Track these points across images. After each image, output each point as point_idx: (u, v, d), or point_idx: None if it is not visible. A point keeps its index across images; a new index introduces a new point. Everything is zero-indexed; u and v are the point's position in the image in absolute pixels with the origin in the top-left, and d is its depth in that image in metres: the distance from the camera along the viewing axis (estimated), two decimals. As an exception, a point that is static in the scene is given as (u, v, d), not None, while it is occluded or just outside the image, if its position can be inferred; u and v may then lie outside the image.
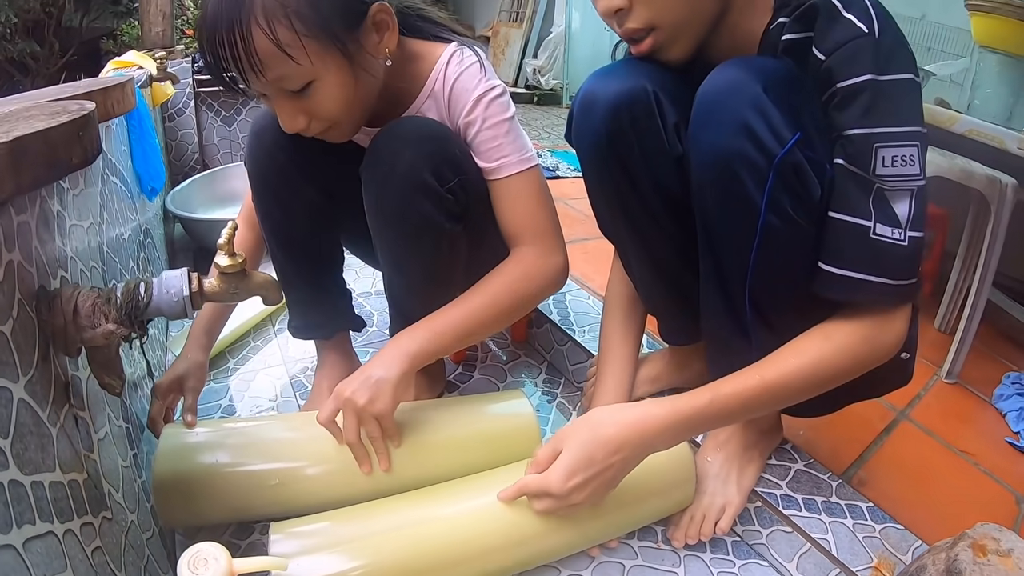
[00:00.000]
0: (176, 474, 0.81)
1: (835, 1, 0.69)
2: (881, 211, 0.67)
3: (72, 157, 0.52)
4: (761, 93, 0.68)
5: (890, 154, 0.66)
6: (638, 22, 0.74)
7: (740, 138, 0.69)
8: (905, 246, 0.67)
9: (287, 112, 0.79)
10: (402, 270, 0.94)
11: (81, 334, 0.55)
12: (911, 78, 0.67)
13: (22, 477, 0.44)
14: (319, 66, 0.76)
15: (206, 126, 2.17)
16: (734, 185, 0.71)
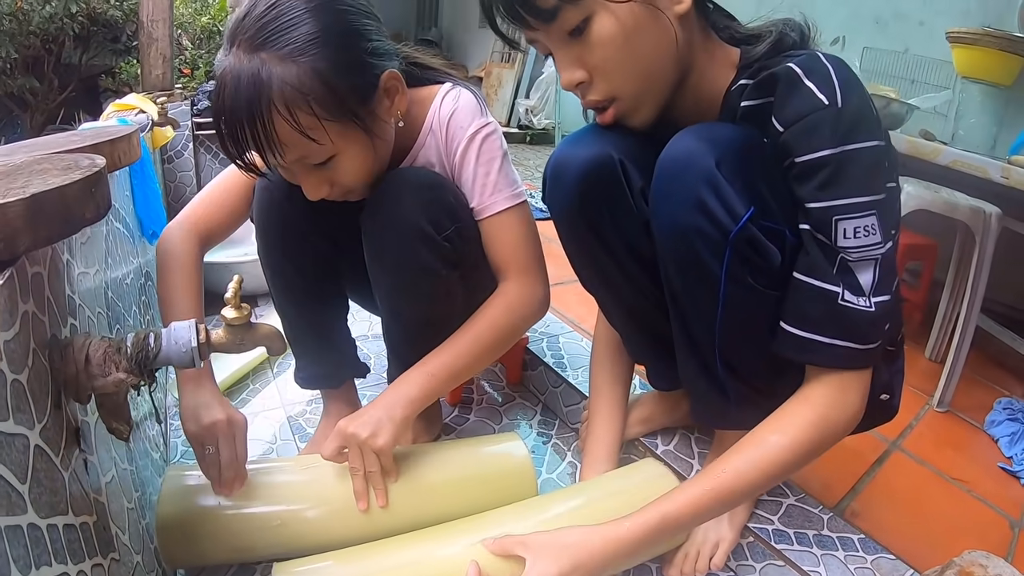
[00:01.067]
0: (179, 516, 0.83)
1: (796, 68, 0.69)
2: (846, 280, 0.69)
3: (85, 212, 0.55)
4: (714, 168, 0.70)
5: (851, 226, 0.67)
6: (599, 94, 0.77)
7: (695, 214, 0.72)
8: (872, 312, 0.69)
9: (311, 184, 0.83)
10: (400, 315, 0.98)
11: (92, 382, 0.58)
12: (874, 145, 0.67)
13: (39, 520, 0.47)
14: (339, 142, 0.80)
15: (204, 168, 2.22)
16: (693, 257, 0.75)
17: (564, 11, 0.72)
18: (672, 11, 0.74)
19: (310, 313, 1.04)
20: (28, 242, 0.51)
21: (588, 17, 0.72)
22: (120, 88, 3.28)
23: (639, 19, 0.72)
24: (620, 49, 0.73)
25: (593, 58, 0.75)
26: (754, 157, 0.73)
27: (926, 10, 2.19)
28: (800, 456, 0.73)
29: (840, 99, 0.67)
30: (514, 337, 0.97)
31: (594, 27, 0.73)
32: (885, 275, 0.69)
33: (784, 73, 0.70)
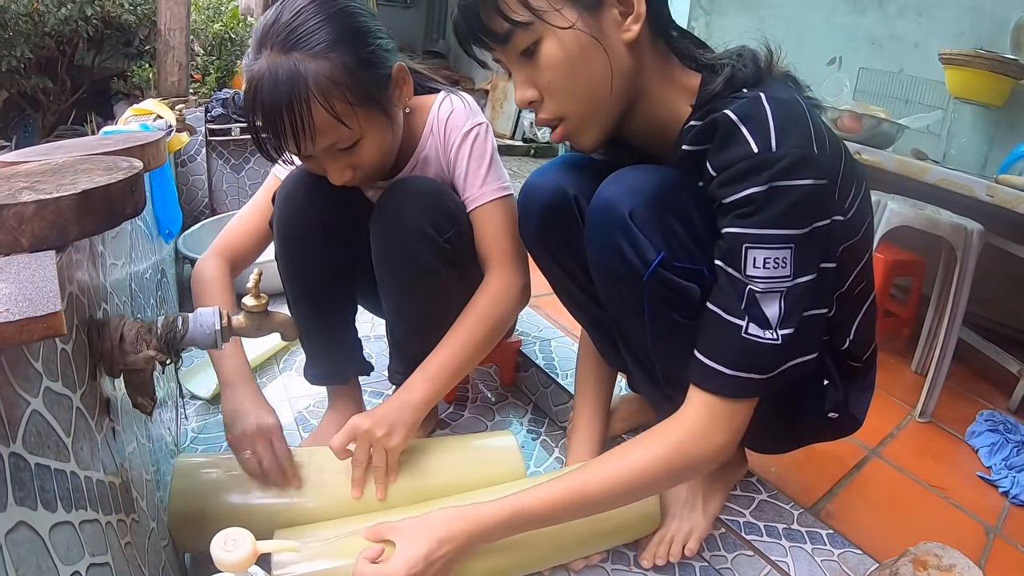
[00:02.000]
0: (191, 506, 0.90)
1: (734, 117, 0.72)
2: (752, 312, 0.73)
3: (126, 208, 0.64)
4: (626, 218, 0.78)
5: (760, 256, 0.71)
6: (547, 114, 0.84)
7: (614, 258, 0.81)
8: (777, 344, 0.73)
9: (337, 169, 0.93)
10: (404, 312, 1.07)
11: (125, 358, 0.67)
12: (808, 183, 0.70)
13: (79, 470, 0.55)
14: (365, 127, 0.91)
15: (216, 172, 2.32)
16: (619, 296, 0.84)
17: (516, 34, 0.79)
18: (619, 38, 0.79)
19: (322, 315, 1.12)
20: (77, 231, 0.60)
21: (537, 40, 0.78)
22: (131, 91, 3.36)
23: (584, 45, 0.77)
24: (565, 72, 0.79)
25: (541, 79, 0.81)
26: (675, 202, 0.79)
27: (920, 32, 2.27)
28: (657, 475, 0.79)
29: (774, 144, 0.70)
30: (503, 327, 1.06)
31: (542, 50, 0.79)
32: (792, 309, 0.73)
33: (722, 121, 0.74)
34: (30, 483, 0.43)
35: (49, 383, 0.51)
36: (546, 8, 0.76)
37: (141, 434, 0.84)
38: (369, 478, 0.96)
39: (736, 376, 0.75)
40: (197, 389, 1.30)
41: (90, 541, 0.54)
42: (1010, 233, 1.77)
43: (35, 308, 0.43)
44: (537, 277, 1.05)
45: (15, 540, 0.39)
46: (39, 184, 0.63)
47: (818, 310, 0.77)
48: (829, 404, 0.91)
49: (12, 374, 0.44)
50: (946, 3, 2.20)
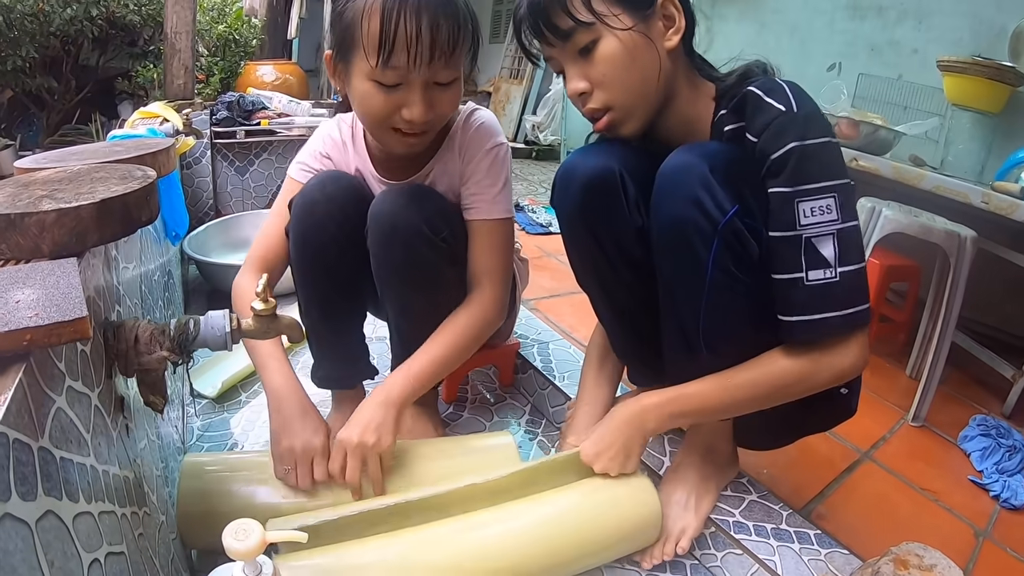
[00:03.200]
0: (199, 505, 0.94)
1: (758, 91, 0.87)
2: (811, 259, 0.83)
3: (142, 216, 0.68)
4: (707, 173, 0.86)
5: (809, 206, 0.82)
6: (597, 103, 0.93)
7: (691, 209, 0.87)
8: (838, 282, 0.82)
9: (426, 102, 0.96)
10: (409, 312, 1.11)
11: (139, 358, 0.71)
12: (828, 141, 0.83)
13: (97, 464, 0.59)
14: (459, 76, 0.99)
15: (220, 175, 2.36)
16: (687, 247, 0.89)
17: (577, 32, 0.90)
18: (663, 45, 0.92)
19: (333, 322, 1.16)
20: (96, 238, 0.64)
21: (596, 39, 0.90)
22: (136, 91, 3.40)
23: (636, 45, 0.90)
24: (618, 67, 0.91)
25: (595, 72, 0.92)
26: (739, 168, 0.88)
27: (919, 38, 2.30)
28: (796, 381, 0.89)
29: (795, 105, 0.84)
30: (481, 340, 1.12)
31: (600, 47, 0.90)
32: (847, 248, 0.83)
33: (749, 96, 0.88)
34: (56, 475, 0.47)
35: (71, 382, 0.56)
36: (606, 12, 0.89)
37: (151, 431, 0.88)
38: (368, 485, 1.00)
39: (818, 320, 0.84)
40: (203, 388, 1.34)
41: (108, 531, 0.58)
42: (1005, 239, 1.81)
43: (63, 313, 0.47)
44: (535, 280, 1.09)
45: (44, 527, 0.43)
46: (58, 192, 0.67)
47: (861, 263, 0.85)
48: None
49: (40, 374, 0.48)
50: (945, 10, 2.23)
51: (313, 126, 2.44)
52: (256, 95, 2.44)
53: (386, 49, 0.91)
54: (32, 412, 0.45)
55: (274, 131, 2.41)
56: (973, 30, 2.17)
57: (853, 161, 1.94)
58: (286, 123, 2.43)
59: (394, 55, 0.91)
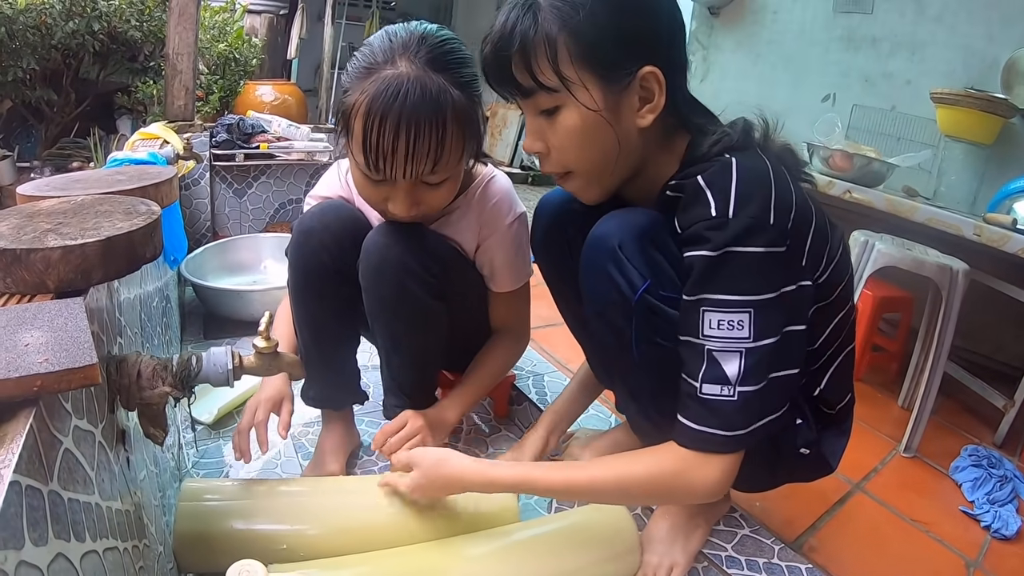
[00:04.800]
0: (195, 529, 0.95)
1: (702, 182, 0.80)
2: (710, 372, 0.78)
3: (146, 253, 0.70)
4: (617, 249, 0.86)
5: (716, 318, 0.77)
6: (554, 167, 0.91)
7: (606, 285, 0.88)
8: (734, 400, 0.78)
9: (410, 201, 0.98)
10: (399, 346, 1.13)
11: (141, 393, 0.72)
12: (762, 251, 0.76)
13: (102, 501, 0.60)
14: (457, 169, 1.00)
15: (219, 196, 2.38)
16: (610, 322, 0.91)
17: (538, 94, 0.85)
18: (634, 122, 0.85)
19: (326, 345, 1.17)
20: (100, 275, 0.66)
21: (559, 106, 0.85)
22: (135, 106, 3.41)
23: (601, 124, 0.84)
24: (578, 141, 0.86)
25: (554, 139, 0.87)
26: (660, 240, 0.87)
27: (913, 70, 2.34)
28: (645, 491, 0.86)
29: (732, 210, 0.77)
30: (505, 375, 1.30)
31: (561, 116, 0.85)
32: (754, 367, 0.77)
33: (690, 184, 0.82)
34: (64, 517, 0.49)
35: (77, 421, 0.57)
36: (574, 79, 0.82)
37: (150, 462, 0.89)
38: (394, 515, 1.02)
39: (701, 431, 0.80)
40: (200, 414, 1.35)
41: (111, 567, 0.59)
42: (997, 270, 1.83)
43: (72, 359, 0.49)
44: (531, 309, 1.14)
45: (55, 570, 0.44)
46: (63, 227, 0.69)
47: (786, 371, 0.82)
48: (801, 440, 0.96)
49: (48, 416, 0.50)
50: (938, 42, 2.28)
51: (312, 151, 2.47)
52: (256, 118, 2.46)
53: (367, 154, 0.93)
54: (42, 456, 0.47)
55: (273, 155, 2.43)
56: (966, 62, 2.21)
57: (847, 193, 1.97)
58: (285, 147, 2.45)
59: (373, 161, 0.93)
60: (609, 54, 0.82)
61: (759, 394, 0.78)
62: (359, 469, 1.27)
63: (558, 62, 0.81)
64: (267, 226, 2.56)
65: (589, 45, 0.81)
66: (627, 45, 0.82)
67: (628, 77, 0.83)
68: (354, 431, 1.32)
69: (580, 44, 0.81)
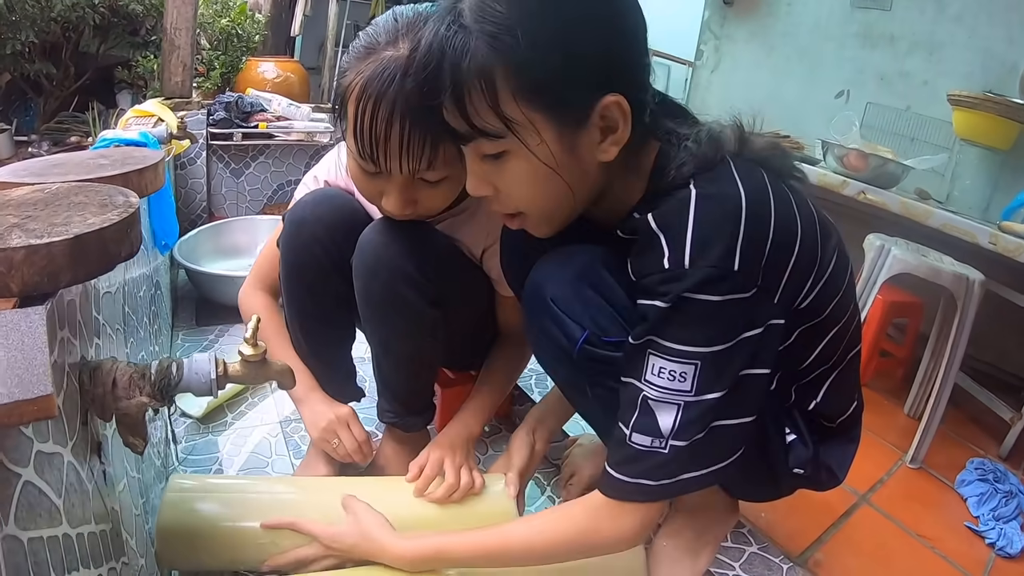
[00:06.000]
0: (178, 524, 0.89)
1: (654, 225, 0.71)
2: (642, 421, 0.72)
3: (121, 251, 0.62)
4: (548, 302, 0.81)
5: (659, 364, 0.70)
6: (503, 208, 0.79)
7: (544, 340, 0.84)
8: (663, 453, 0.71)
9: (405, 199, 0.90)
10: (390, 351, 1.05)
11: (117, 403, 0.65)
12: (720, 300, 0.67)
13: (71, 530, 0.54)
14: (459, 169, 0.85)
15: (215, 176, 2.30)
16: (558, 373, 0.88)
17: (478, 140, 0.71)
18: (594, 158, 0.73)
19: (320, 342, 1.10)
20: (69, 278, 0.58)
21: (504, 152, 0.72)
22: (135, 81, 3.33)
23: (556, 167, 0.71)
24: (530, 187, 0.74)
25: (502, 183, 0.75)
26: (599, 280, 0.81)
27: (930, 70, 2.27)
28: (558, 551, 0.80)
29: (687, 259, 0.67)
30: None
31: (508, 162, 0.72)
32: (689, 422, 0.70)
33: (643, 227, 0.72)
34: (24, 564, 0.42)
35: (40, 446, 0.50)
36: (521, 121, 0.68)
37: (131, 467, 0.83)
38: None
39: (622, 480, 0.75)
40: (189, 408, 1.29)
41: (81, 600, 0.53)
42: (1010, 280, 1.78)
43: (25, 389, 0.42)
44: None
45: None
46: (30, 221, 0.61)
47: (738, 419, 0.74)
48: (794, 460, 0.89)
49: (2, 448, 0.43)
50: (957, 43, 2.20)
51: (312, 131, 2.38)
52: (255, 96, 2.37)
53: (358, 141, 0.84)
54: (-9, 497, 0.40)
55: (272, 135, 2.34)
56: (984, 65, 2.14)
57: (860, 194, 1.90)
58: (285, 127, 2.36)
59: (365, 150, 0.84)
60: (559, 88, 0.67)
61: (694, 446, 0.71)
62: (352, 469, 1.21)
63: (499, 102, 0.67)
64: (264, 208, 2.48)
65: (533, 79, 0.66)
66: (580, 74, 0.67)
67: (585, 111, 0.69)
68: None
69: (522, 78, 0.66)
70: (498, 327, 1.19)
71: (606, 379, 0.80)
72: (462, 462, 1.02)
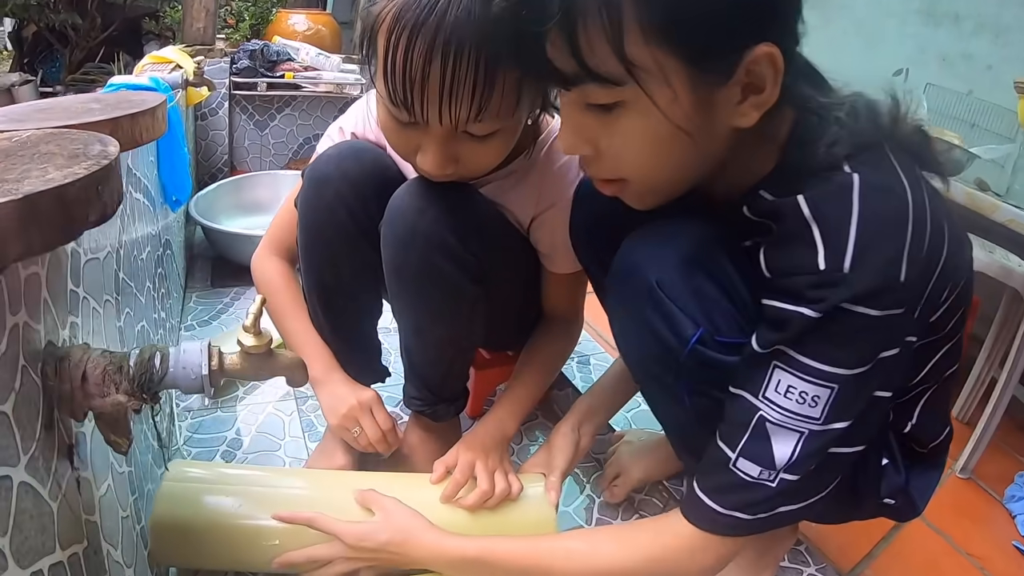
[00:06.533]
0: (175, 517, 0.78)
1: (807, 211, 0.56)
2: (753, 447, 0.60)
3: (89, 215, 0.47)
4: (655, 289, 0.63)
5: (787, 383, 0.57)
6: (603, 174, 0.64)
7: (643, 337, 0.67)
8: (771, 487, 0.60)
9: (445, 156, 0.73)
10: (422, 333, 0.91)
11: (89, 401, 0.52)
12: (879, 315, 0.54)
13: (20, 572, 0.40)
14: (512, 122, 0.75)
15: (238, 128, 2.15)
16: (652, 377, 0.71)
17: (587, 85, 0.55)
18: (727, 121, 0.58)
19: (340, 315, 0.96)
20: (20, 250, 0.43)
21: (619, 103, 0.56)
22: (163, 32, 3.21)
23: (684, 127, 0.56)
24: (644, 150, 0.59)
25: (608, 142, 0.60)
26: (713, 264, 0.64)
27: (995, 55, 2.07)
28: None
29: (848, 263, 0.53)
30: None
31: (622, 116, 0.57)
32: (808, 456, 0.59)
33: (791, 211, 0.57)
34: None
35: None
36: (648, 66, 0.53)
37: (119, 462, 0.69)
38: None
39: (713, 509, 0.63)
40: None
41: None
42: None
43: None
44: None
45: None
46: (-18, 176, 0.47)
47: (849, 448, 0.62)
48: (886, 489, 0.77)
49: None
50: (1026, 26, 1.99)
51: (342, 82, 2.21)
52: (282, 45, 2.20)
53: (390, 84, 0.67)
54: None
55: (299, 85, 2.16)
56: (1055, 52, 1.93)
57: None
58: (312, 77, 2.17)
59: (398, 94, 0.67)
60: (706, 29, 0.52)
61: (804, 480, 0.60)
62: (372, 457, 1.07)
63: (623, 40, 0.52)
64: (289, 163, 2.31)
65: (673, 16, 0.51)
66: (734, 14, 0.52)
67: (731, 63, 0.54)
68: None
69: (659, 13, 0.51)
70: (542, 308, 1.03)
71: (712, 388, 0.65)
72: (496, 465, 0.88)
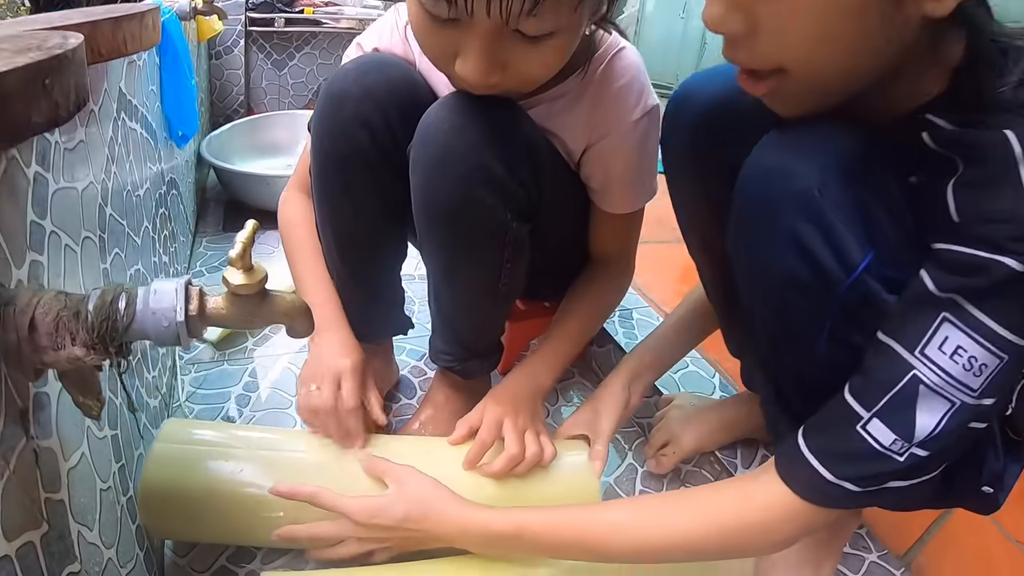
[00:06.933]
0: (167, 483, 0.68)
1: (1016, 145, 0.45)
2: (892, 409, 0.49)
3: (32, 115, 0.35)
4: (815, 197, 0.49)
5: (957, 341, 0.47)
6: (758, 59, 0.50)
7: (791, 257, 0.51)
8: (898, 461, 0.50)
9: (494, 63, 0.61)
10: (455, 279, 0.77)
11: (40, 356, 0.40)
12: None
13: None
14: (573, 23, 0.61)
15: (255, 68, 2.01)
16: (790, 307, 0.55)
17: None
18: (921, 10, 0.45)
19: (362, 262, 0.82)
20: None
21: None
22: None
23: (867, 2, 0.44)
24: (816, 28, 0.46)
25: (772, 15, 0.47)
26: (878, 182, 0.51)
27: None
28: (694, 551, 0.59)
29: None
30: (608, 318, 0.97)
31: None
32: (951, 430, 0.49)
33: (997, 147, 0.46)
34: None
35: None
36: None
37: (98, 425, 0.59)
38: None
39: (822, 476, 0.52)
40: (202, 329, 1.05)
41: None
42: None
43: None
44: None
45: None
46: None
47: (978, 424, 0.51)
48: (986, 477, 0.64)
49: None
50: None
51: (365, 18, 2.04)
52: (301, -22, 2.04)
53: None
54: None
55: (319, 21, 2.00)
56: None
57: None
58: (333, 13, 2.01)
59: None
60: None
61: (930, 458, 0.50)
62: (394, 417, 0.96)
63: None
64: (308, 103, 2.16)
65: None
66: None
67: None
68: (392, 367, 1.00)
69: None
70: (587, 251, 0.90)
71: (857, 333, 0.53)
72: (527, 424, 0.75)
